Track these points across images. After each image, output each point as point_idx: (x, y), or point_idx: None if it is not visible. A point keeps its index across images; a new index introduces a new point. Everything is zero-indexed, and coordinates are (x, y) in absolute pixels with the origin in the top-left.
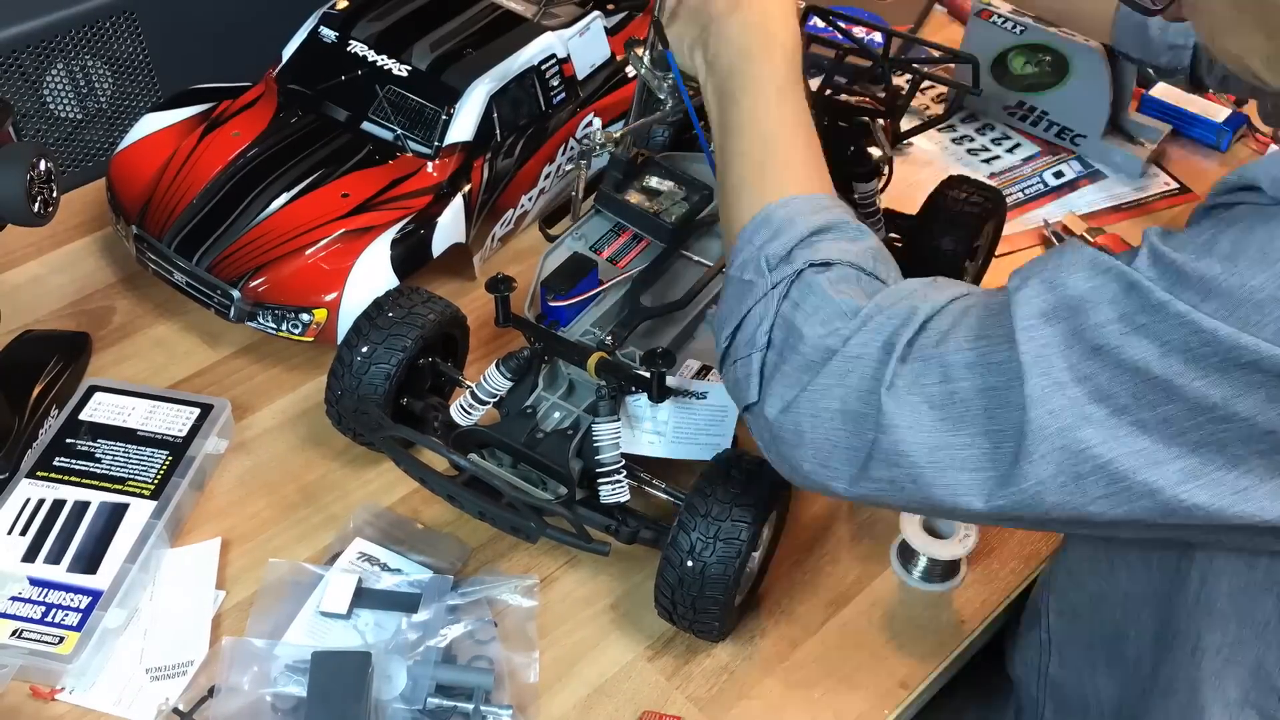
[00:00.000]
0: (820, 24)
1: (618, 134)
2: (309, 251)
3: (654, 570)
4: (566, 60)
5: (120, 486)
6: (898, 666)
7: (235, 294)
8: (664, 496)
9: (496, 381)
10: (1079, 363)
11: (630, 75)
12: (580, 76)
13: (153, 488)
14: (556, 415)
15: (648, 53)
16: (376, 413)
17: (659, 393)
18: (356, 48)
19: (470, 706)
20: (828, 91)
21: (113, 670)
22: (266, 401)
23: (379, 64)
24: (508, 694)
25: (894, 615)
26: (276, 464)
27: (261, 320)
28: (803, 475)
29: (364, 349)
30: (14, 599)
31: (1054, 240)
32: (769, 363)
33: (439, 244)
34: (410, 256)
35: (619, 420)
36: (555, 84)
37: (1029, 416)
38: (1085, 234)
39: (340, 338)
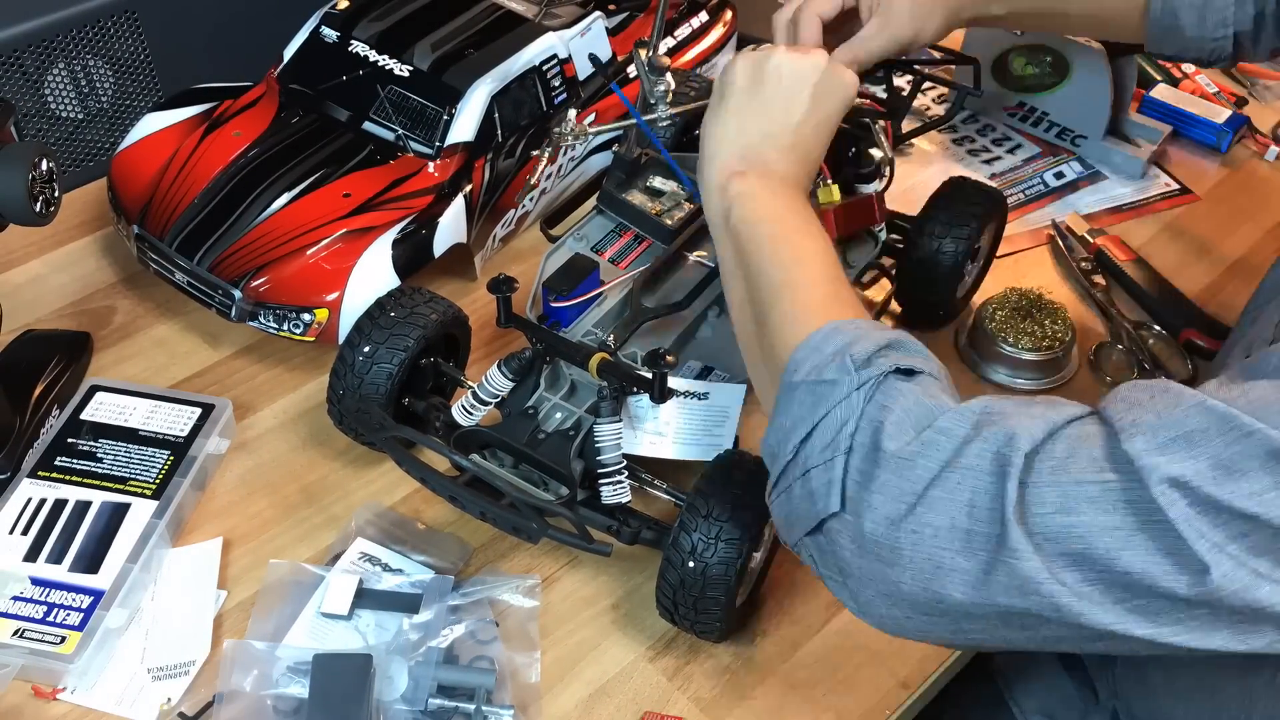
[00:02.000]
0: None
1: (591, 129)
2: (310, 251)
3: (655, 571)
4: (568, 60)
5: (122, 486)
6: (899, 667)
7: (236, 294)
8: (665, 497)
9: (498, 382)
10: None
11: (633, 76)
12: (581, 77)
13: (154, 488)
14: (558, 416)
15: (650, 53)
16: (378, 413)
17: (661, 394)
18: (358, 48)
19: (472, 707)
20: None
21: (114, 670)
22: (268, 401)
23: (380, 64)
24: (509, 694)
25: None
26: (278, 464)
27: (263, 320)
28: (899, 594)
29: (365, 349)
30: (15, 599)
31: (1060, 240)
32: (854, 468)
33: (440, 244)
34: (412, 256)
35: (621, 421)
36: (556, 84)
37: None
38: (1086, 234)
39: (342, 337)
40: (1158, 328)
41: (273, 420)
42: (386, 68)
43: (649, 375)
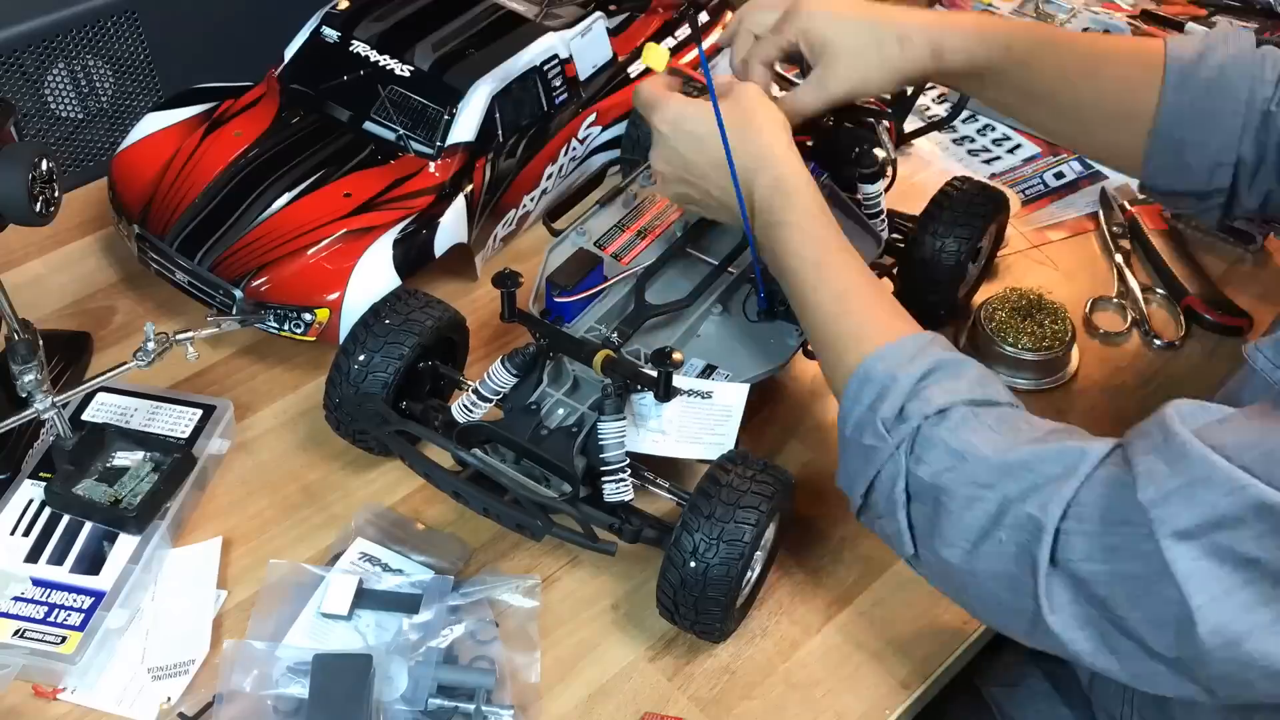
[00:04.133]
0: None
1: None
2: (311, 251)
3: (656, 571)
4: (569, 61)
5: None
6: (899, 667)
7: (237, 293)
8: (667, 496)
9: (501, 377)
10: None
11: (633, 76)
12: (582, 77)
13: None
14: (560, 412)
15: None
16: (382, 407)
17: (666, 392)
18: (359, 48)
19: (472, 707)
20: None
21: (114, 670)
22: (268, 401)
23: (381, 64)
24: (509, 694)
25: (895, 616)
26: (278, 464)
27: (263, 320)
28: (976, 614)
29: (360, 357)
30: (16, 599)
31: (1102, 206)
32: (916, 515)
33: (441, 244)
34: (412, 256)
35: (625, 419)
36: (557, 84)
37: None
38: (1126, 202)
39: (343, 337)
40: (1161, 291)
41: (272, 420)
42: (387, 68)
43: (653, 373)
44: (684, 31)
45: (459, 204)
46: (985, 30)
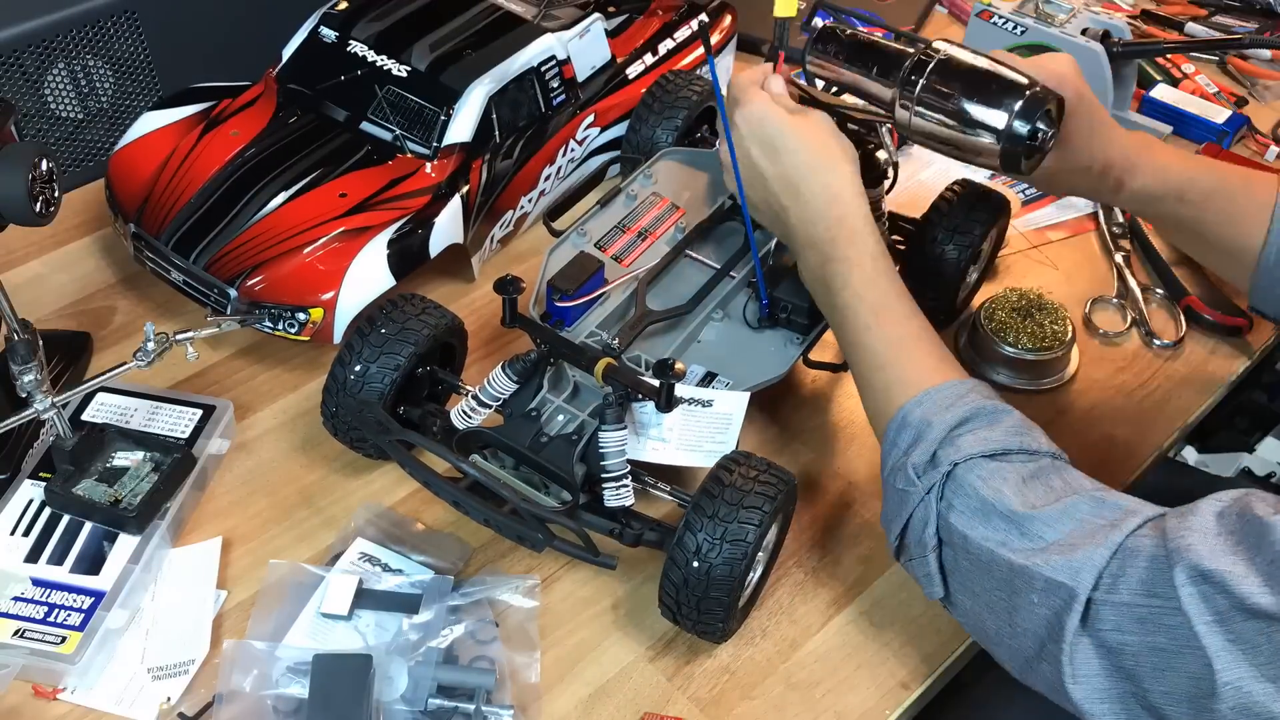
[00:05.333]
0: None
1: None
2: (306, 251)
3: (655, 571)
4: (566, 62)
5: None
6: (899, 667)
7: (232, 292)
8: (667, 498)
9: (502, 384)
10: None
11: (630, 77)
12: (580, 79)
13: None
14: (560, 419)
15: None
16: (381, 415)
17: (667, 403)
18: (356, 48)
19: (471, 707)
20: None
21: (114, 670)
22: (267, 401)
23: (378, 64)
24: (509, 694)
25: (895, 616)
26: (277, 464)
27: (257, 319)
28: (1001, 659)
29: (357, 367)
30: (16, 599)
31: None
32: (946, 559)
33: (436, 244)
34: (407, 256)
35: (625, 428)
36: (555, 86)
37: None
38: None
39: (337, 337)
40: (1161, 291)
41: (272, 421)
42: (384, 68)
43: (655, 383)
44: (683, 33)
45: (455, 205)
46: (1177, 164)
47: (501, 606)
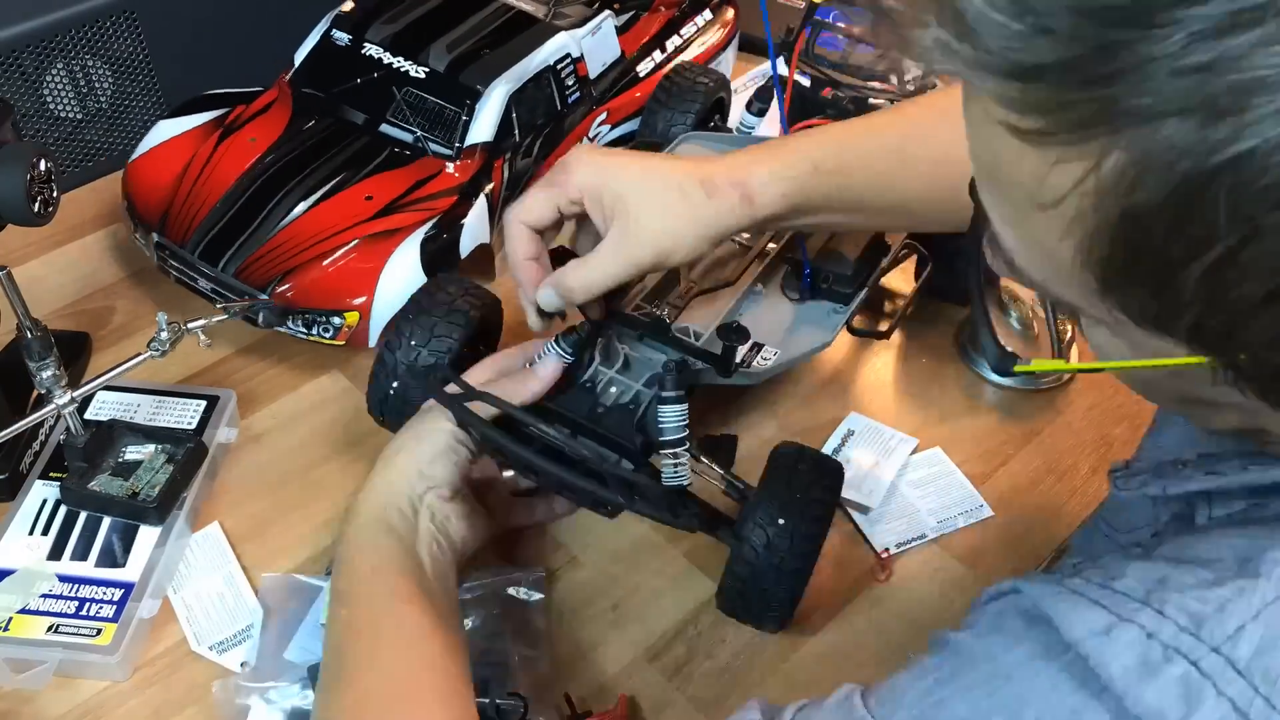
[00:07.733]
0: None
1: None
2: (337, 254)
3: (655, 571)
4: (580, 59)
5: None
6: (898, 668)
7: (264, 297)
8: (718, 484)
9: (555, 358)
10: None
11: (641, 75)
12: (593, 76)
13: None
14: (614, 390)
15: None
16: (455, 378)
17: (729, 367)
18: (371, 50)
19: (485, 700)
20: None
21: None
22: (267, 401)
23: (396, 66)
24: (520, 687)
25: (895, 616)
26: (277, 464)
27: (291, 325)
28: None
29: (411, 346)
30: (45, 596)
31: None
32: None
33: (467, 244)
34: (440, 257)
35: (684, 394)
36: (570, 83)
37: None
38: None
39: (372, 340)
40: None
41: (272, 420)
42: (402, 70)
43: (718, 352)
44: (688, 29)
45: (481, 204)
46: (789, 154)
47: (507, 599)
